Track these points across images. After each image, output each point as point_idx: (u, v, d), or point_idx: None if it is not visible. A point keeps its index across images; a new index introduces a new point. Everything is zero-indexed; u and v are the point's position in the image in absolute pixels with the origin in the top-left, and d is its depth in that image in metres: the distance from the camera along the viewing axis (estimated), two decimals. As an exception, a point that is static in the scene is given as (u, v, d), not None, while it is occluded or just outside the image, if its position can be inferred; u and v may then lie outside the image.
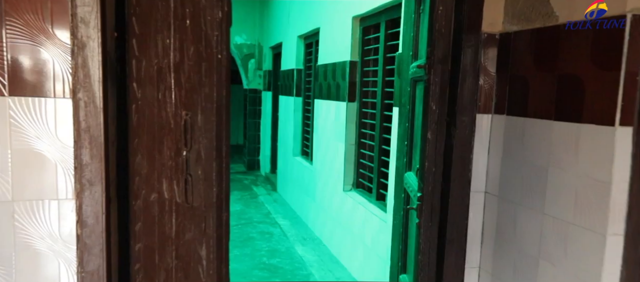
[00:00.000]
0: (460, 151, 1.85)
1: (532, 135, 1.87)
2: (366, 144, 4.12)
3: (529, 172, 1.88)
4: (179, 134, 1.59)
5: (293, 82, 6.24)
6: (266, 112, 8.19)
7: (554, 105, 1.75)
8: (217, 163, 1.60)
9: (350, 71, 4.16)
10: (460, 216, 2.00)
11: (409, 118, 2.28)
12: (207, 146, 1.58)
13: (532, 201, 1.85)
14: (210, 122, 1.57)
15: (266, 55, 8.26)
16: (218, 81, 1.55)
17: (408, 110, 2.29)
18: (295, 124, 6.20)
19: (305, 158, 5.98)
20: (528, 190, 1.88)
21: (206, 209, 1.65)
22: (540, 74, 1.81)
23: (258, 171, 8.59)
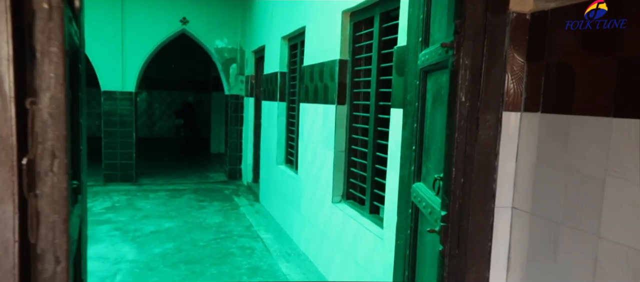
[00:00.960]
0: (482, 158, 1.48)
1: (580, 137, 1.50)
2: (358, 151, 3.74)
3: (576, 184, 1.50)
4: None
5: (276, 86, 5.84)
6: (248, 119, 7.76)
7: (613, 98, 1.38)
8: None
9: (339, 71, 3.78)
10: (481, 238, 1.62)
11: (417, 118, 1.90)
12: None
13: (580, 220, 1.47)
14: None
15: (248, 59, 7.85)
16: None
17: (416, 109, 1.91)
18: (279, 130, 5.79)
19: (289, 167, 5.56)
20: (575, 206, 1.50)
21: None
22: (592, 59, 1.44)
23: (240, 180, 8.13)
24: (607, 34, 1.36)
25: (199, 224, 5.46)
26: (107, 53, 7.19)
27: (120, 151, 7.38)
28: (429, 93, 1.82)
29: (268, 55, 6.38)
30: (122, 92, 7.33)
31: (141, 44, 7.38)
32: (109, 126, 7.30)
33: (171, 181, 7.84)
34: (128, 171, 7.46)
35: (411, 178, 1.97)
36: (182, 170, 9.00)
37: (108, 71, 7.24)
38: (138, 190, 7.10)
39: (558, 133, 1.60)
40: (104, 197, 6.55)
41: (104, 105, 7.27)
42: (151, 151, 11.88)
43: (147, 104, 14.62)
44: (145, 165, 9.19)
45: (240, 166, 8.15)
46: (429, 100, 1.82)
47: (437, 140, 1.67)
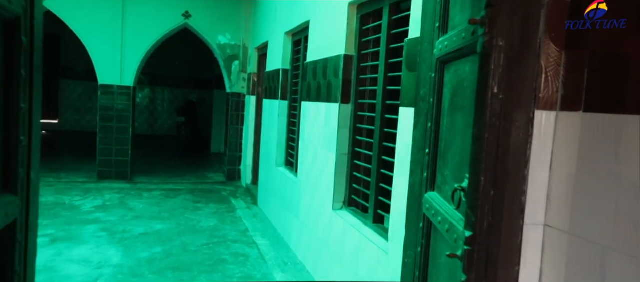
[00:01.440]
0: (509, 165, 1.18)
1: (636, 142, 1.20)
2: (362, 154, 3.45)
3: (631, 199, 1.20)
4: None
5: (278, 83, 5.57)
6: (249, 118, 7.49)
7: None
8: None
9: (344, 67, 3.50)
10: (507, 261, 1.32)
11: (432, 116, 1.61)
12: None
13: (638, 246, 1.17)
14: None
15: (251, 57, 7.59)
16: None
17: (431, 106, 1.63)
18: (280, 130, 5.51)
19: (289, 169, 5.28)
20: (630, 227, 1.21)
21: None
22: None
23: (238, 181, 7.85)
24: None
25: (192, 227, 5.18)
26: (106, 45, 6.96)
27: (115, 147, 7.13)
28: (446, 87, 1.53)
29: (271, 51, 6.12)
30: (120, 87, 7.08)
31: (142, 37, 7.13)
32: (105, 121, 7.05)
33: (167, 180, 7.58)
34: (123, 168, 7.20)
35: (423, 186, 1.68)
36: (180, 169, 8.74)
37: (106, 64, 7.00)
38: (132, 188, 6.84)
39: (606, 136, 1.30)
40: (95, 194, 6.29)
41: (101, 100, 7.02)
42: (151, 148, 11.64)
43: (149, 100, 14.41)
44: (143, 163, 8.94)
45: (239, 167, 7.88)
46: (446, 95, 1.53)
47: (456, 142, 1.38)
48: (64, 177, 7.13)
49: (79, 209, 5.50)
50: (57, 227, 4.75)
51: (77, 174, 7.47)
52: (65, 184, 6.77)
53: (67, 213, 5.30)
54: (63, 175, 7.30)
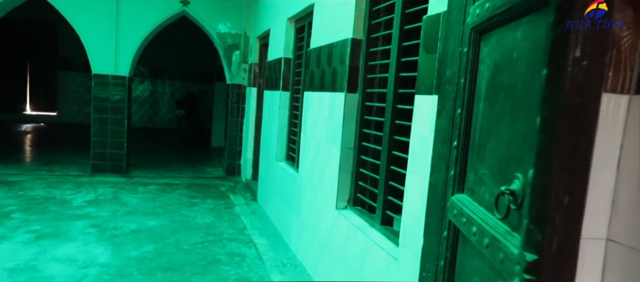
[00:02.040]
0: (591, 159, 0.86)
1: None
2: (369, 148, 3.14)
3: None
4: None
5: (280, 73, 5.26)
6: (250, 110, 7.18)
7: None
8: None
9: (351, 52, 3.18)
10: (561, 283, 1.01)
11: (462, 100, 1.30)
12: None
13: None
14: None
15: (252, 46, 7.28)
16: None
17: (461, 88, 1.31)
18: (281, 123, 5.21)
19: (290, 164, 4.98)
20: None
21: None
22: None
23: (238, 176, 7.56)
24: None
25: (187, 223, 4.90)
26: (100, 33, 6.66)
27: (110, 140, 6.84)
28: (484, 63, 1.22)
29: (273, 40, 5.80)
30: (115, 77, 6.78)
31: (137, 25, 6.83)
32: (99, 113, 6.77)
33: (164, 174, 7.30)
34: (118, 162, 6.92)
35: (449, 187, 1.37)
36: (178, 163, 8.46)
37: (100, 53, 6.70)
38: (127, 182, 6.56)
39: None
40: (88, 188, 6.01)
41: (94, 90, 6.73)
42: (150, 142, 11.38)
43: (149, 93, 14.13)
44: (141, 156, 8.67)
45: (239, 161, 7.59)
46: (483, 73, 1.22)
47: (499, 132, 1.08)
48: (57, 171, 6.86)
49: (69, 204, 5.22)
50: (43, 223, 4.47)
51: (72, 167, 7.20)
52: (58, 177, 6.50)
53: (57, 208, 5.03)
54: (56, 168, 7.03)
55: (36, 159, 7.80)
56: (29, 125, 12.44)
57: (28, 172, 6.62)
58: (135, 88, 13.85)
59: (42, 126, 12.60)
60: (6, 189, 5.64)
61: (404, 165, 2.67)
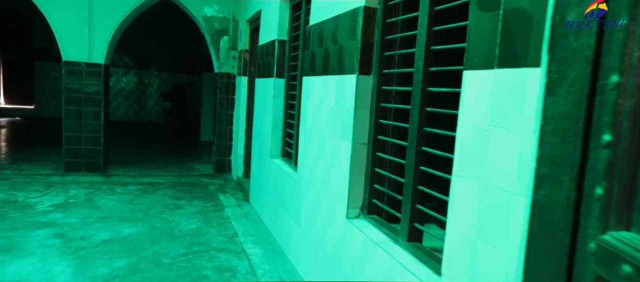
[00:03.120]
0: None
1: None
2: (388, 143, 2.53)
3: None
4: None
5: (273, 58, 4.62)
6: (240, 101, 6.54)
7: None
8: None
9: (364, 24, 2.56)
10: None
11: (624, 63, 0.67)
12: None
13: None
14: None
15: (242, 31, 6.62)
16: None
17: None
18: (275, 114, 4.58)
19: (287, 162, 4.35)
20: None
21: None
22: None
23: (228, 174, 6.92)
24: None
25: (170, 230, 4.26)
26: (70, 14, 5.95)
27: (85, 135, 6.16)
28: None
29: (264, 21, 5.15)
30: (89, 64, 6.09)
31: (113, 5, 6.12)
32: (71, 104, 6.07)
33: (147, 173, 6.63)
34: (94, 159, 6.24)
35: (585, 214, 0.76)
36: (163, 159, 7.79)
37: (71, 37, 6.00)
38: (104, 182, 5.89)
39: None
40: (58, 190, 5.34)
41: (65, 79, 6.03)
42: (134, 136, 10.67)
43: (135, 85, 13.38)
44: (123, 153, 7.98)
45: (229, 157, 6.95)
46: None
47: None
48: (26, 170, 6.16)
49: (33, 209, 4.55)
50: (-2, 234, 3.81)
51: (43, 165, 6.50)
52: (25, 177, 5.81)
53: (17, 214, 4.36)
54: (25, 167, 6.33)
55: (3, 156, 7.08)
56: (2, 119, 11.66)
57: (-9, 171, 5.92)
58: (119, 80, 13.10)
59: (17, 120, 11.83)
60: (-38, 192, 4.95)
61: (436, 164, 2.06)
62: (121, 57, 12.95)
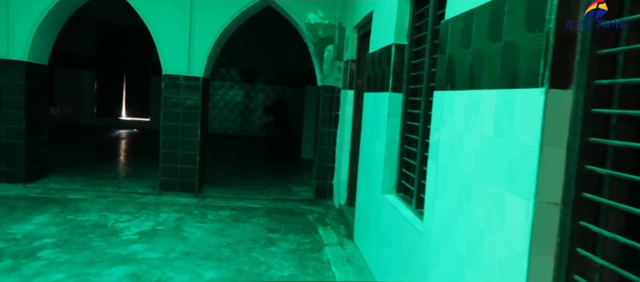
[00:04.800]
0: None
1: None
2: (604, 206, 1.42)
3: None
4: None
5: (389, 67, 3.68)
6: (345, 119, 5.70)
7: None
8: None
9: (560, 3, 1.50)
10: None
11: None
12: None
13: None
14: None
15: (349, 39, 5.80)
16: None
17: None
18: (390, 137, 3.62)
19: (405, 201, 3.36)
20: None
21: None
22: None
23: (329, 200, 6.11)
24: None
25: (258, 277, 3.52)
26: (172, 27, 5.67)
27: (181, 153, 5.81)
28: None
29: (377, 24, 4.25)
30: (188, 78, 5.75)
31: (214, 17, 5.73)
32: (168, 120, 5.77)
33: (243, 195, 6.09)
34: (189, 179, 5.86)
35: None
36: (261, 179, 7.26)
37: (171, 50, 5.72)
38: (197, 205, 5.44)
39: None
40: (149, 213, 4.96)
41: (165, 93, 5.76)
42: (237, 150, 10.49)
43: (240, 98, 13.41)
44: (221, 168, 7.65)
45: (331, 181, 6.14)
46: None
47: None
48: (124, 187, 5.99)
49: (117, 237, 4.15)
50: (71, 270, 3.37)
51: (142, 182, 6.32)
52: (121, 195, 5.60)
53: (100, 243, 3.97)
54: (124, 184, 6.19)
55: (110, 170, 7.12)
56: (122, 131, 12.35)
57: (93, 187, 5.82)
58: (226, 93, 13.24)
59: (134, 132, 12.45)
60: (57, 211, 4.78)
61: None
62: (228, 71, 13.08)
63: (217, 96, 13.10)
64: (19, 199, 5.13)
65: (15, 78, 5.55)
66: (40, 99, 5.94)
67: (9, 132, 5.61)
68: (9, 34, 5.50)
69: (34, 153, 5.87)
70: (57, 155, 7.30)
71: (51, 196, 5.36)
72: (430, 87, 3.03)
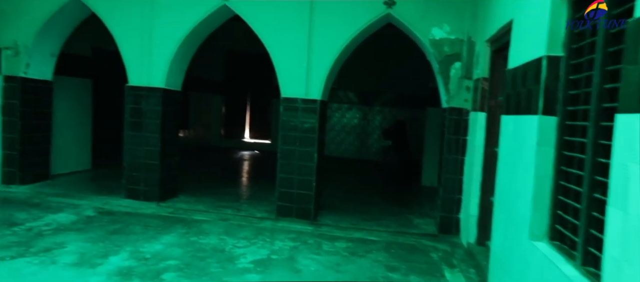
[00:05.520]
0: None
1: None
2: None
3: None
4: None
5: (538, 85, 3.02)
6: (476, 145, 5.03)
7: None
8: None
9: None
10: None
11: None
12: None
13: None
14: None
15: (480, 54, 5.16)
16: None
17: None
18: (540, 170, 2.94)
19: (564, 254, 2.65)
20: None
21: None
22: None
23: (456, 236, 5.43)
24: None
25: (376, 327, 3.09)
26: (290, 50, 5.64)
27: (297, 178, 5.68)
28: None
29: (519, 35, 3.61)
30: (305, 100, 5.64)
31: (332, 37, 5.57)
32: (286, 143, 5.70)
33: (360, 225, 5.72)
34: (305, 205, 5.69)
35: None
36: (379, 207, 6.83)
37: (290, 73, 5.67)
38: (312, 234, 5.21)
39: None
40: (265, 240, 4.86)
41: (283, 116, 5.71)
42: (353, 175, 10.23)
43: (357, 121, 13.23)
44: (338, 194, 7.41)
45: (458, 215, 5.46)
46: None
47: None
48: (244, 210, 6.05)
49: (233, 264, 4.07)
50: (189, 297, 3.32)
51: (260, 205, 6.34)
52: (240, 219, 5.63)
53: (217, 269, 3.91)
54: (244, 207, 6.26)
55: (231, 191, 7.32)
56: (245, 152, 12.97)
57: (215, 209, 5.97)
58: (343, 116, 13.16)
59: (256, 153, 12.98)
60: (183, 232, 4.93)
61: None
62: (346, 93, 13.01)
63: (334, 119, 13.10)
64: (152, 218, 5.44)
65: (153, 104, 5.99)
66: (174, 123, 6.35)
67: (147, 154, 6.06)
68: (151, 62, 5.97)
69: (167, 174, 6.25)
70: (187, 174, 7.78)
71: (179, 216, 5.60)
72: (601, 108, 2.35)
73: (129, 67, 6.05)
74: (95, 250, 4.19)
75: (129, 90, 6.06)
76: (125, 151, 6.14)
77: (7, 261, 3.82)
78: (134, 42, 5.97)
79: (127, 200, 6.08)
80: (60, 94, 7.16)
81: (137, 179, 6.11)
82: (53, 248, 4.17)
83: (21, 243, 4.26)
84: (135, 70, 6.03)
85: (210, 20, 5.96)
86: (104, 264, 3.86)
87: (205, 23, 5.94)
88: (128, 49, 6.02)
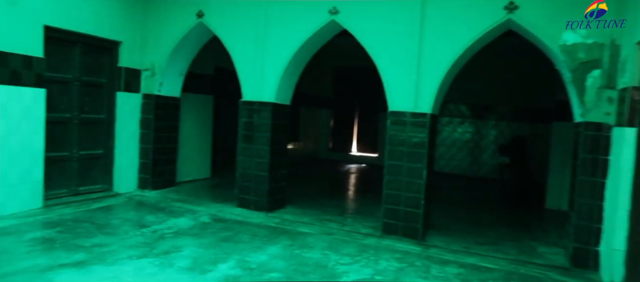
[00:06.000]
0: None
1: None
2: None
3: None
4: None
5: None
6: (621, 166, 4.25)
7: None
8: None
9: None
10: None
11: None
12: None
13: None
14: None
15: (627, 59, 4.39)
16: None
17: None
18: None
19: None
20: None
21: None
22: None
23: (593, 272, 4.63)
24: None
25: None
26: (399, 62, 5.39)
27: (404, 194, 5.37)
28: None
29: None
30: (414, 114, 5.33)
31: (444, 46, 5.20)
32: (393, 159, 5.44)
33: (473, 249, 5.20)
34: (412, 224, 5.35)
35: None
36: (495, 230, 6.19)
37: (398, 86, 5.42)
38: (420, 255, 4.85)
39: None
40: (369, 258, 4.64)
41: (390, 130, 5.47)
42: (465, 192, 9.53)
43: (470, 136, 12.39)
44: (448, 212, 6.91)
45: (596, 248, 4.66)
46: None
47: None
48: (348, 225, 5.90)
49: (340, 279, 3.92)
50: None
51: (366, 221, 6.14)
52: (345, 234, 5.48)
53: (319, 287, 3.80)
54: (349, 221, 6.11)
55: (337, 204, 7.24)
56: (352, 166, 12.90)
57: (320, 222, 5.92)
58: (454, 130, 12.43)
59: (363, 167, 12.85)
60: (288, 243, 4.93)
61: None
62: (457, 107, 12.29)
63: (445, 133, 12.43)
64: (260, 227, 5.56)
65: (265, 118, 6.20)
66: (283, 135, 6.50)
67: (257, 165, 6.27)
68: (263, 79, 6.22)
69: (276, 185, 6.40)
70: (295, 186, 7.90)
71: (285, 227, 5.65)
72: None
73: (243, 83, 6.37)
74: (206, 256, 4.36)
75: (242, 105, 6.37)
76: (237, 162, 6.43)
77: (134, 260, 4.15)
78: (248, 61, 6.30)
79: (238, 208, 6.34)
80: (186, 108, 7.85)
81: (248, 189, 6.35)
82: (172, 251, 4.44)
83: (147, 244, 4.62)
84: (248, 86, 6.33)
85: (317, 37, 6.03)
86: (213, 271, 3.99)
87: (313, 40, 6.04)
88: (243, 67, 6.36)
